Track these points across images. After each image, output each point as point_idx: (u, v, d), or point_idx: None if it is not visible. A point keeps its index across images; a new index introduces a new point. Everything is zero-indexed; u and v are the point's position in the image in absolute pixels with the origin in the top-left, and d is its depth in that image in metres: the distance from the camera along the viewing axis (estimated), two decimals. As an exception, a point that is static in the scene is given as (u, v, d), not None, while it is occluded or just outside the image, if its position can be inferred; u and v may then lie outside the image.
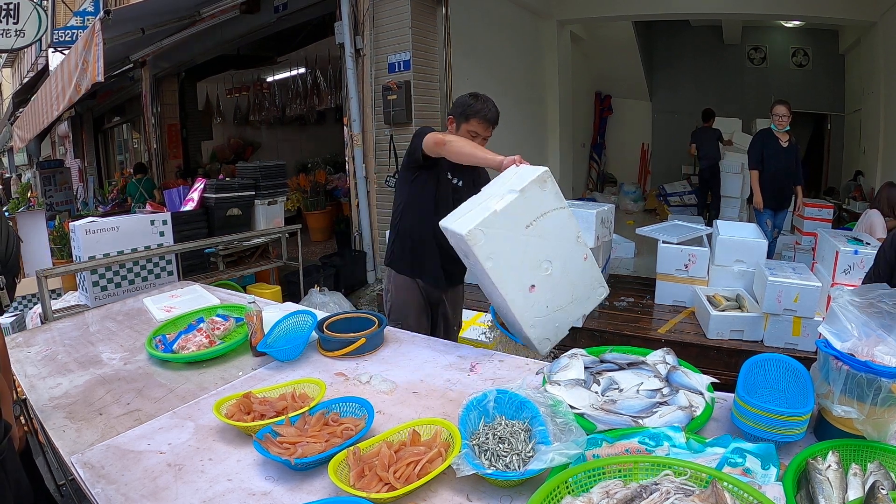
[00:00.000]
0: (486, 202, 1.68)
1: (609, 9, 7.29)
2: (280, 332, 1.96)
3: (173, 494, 1.18)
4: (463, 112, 2.18)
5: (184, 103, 8.94)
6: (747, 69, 9.31)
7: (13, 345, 2.10)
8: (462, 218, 1.67)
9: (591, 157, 10.40)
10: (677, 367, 1.49)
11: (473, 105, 2.16)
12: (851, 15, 6.47)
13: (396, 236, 2.35)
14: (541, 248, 1.68)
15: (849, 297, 1.24)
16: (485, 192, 1.79)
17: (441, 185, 2.23)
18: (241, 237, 4.36)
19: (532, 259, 1.67)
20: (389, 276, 2.39)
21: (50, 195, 8.68)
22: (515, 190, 1.64)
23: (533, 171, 1.69)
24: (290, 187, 6.32)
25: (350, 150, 5.18)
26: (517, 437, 1.22)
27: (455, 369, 1.74)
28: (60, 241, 4.82)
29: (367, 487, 1.11)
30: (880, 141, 6.39)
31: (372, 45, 4.90)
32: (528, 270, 1.67)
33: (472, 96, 2.20)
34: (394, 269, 2.36)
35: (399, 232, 2.34)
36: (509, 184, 1.70)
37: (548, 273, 1.70)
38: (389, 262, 2.39)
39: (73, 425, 1.49)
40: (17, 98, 10.43)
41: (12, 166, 15.20)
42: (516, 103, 6.74)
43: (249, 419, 1.39)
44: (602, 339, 3.62)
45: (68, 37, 7.12)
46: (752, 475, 1.07)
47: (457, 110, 2.21)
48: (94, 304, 3.23)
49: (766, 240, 3.90)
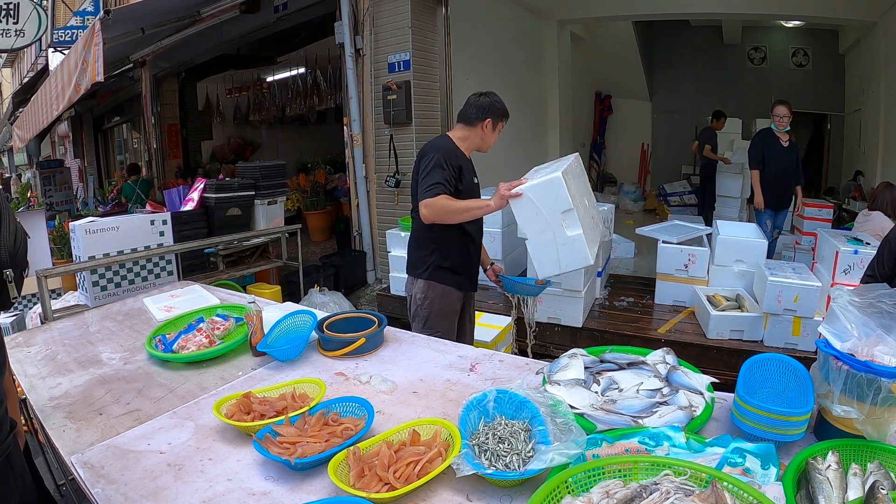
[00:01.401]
0: (545, 171, 2.22)
1: (609, 9, 7.30)
2: (280, 332, 1.96)
3: (173, 494, 1.18)
4: (502, 111, 2.34)
5: (184, 103, 8.94)
6: (747, 69, 9.32)
7: (13, 345, 2.10)
8: (541, 177, 2.13)
9: (591, 156, 10.40)
10: (677, 366, 1.49)
11: (498, 105, 2.32)
12: (851, 15, 6.48)
13: (436, 248, 2.35)
14: (580, 195, 2.27)
15: (849, 297, 1.24)
16: (536, 171, 2.32)
17: (464, 193, 2.30)
18: (240, 237, 4.36)
19: (579, 201, 2.20)
20: (427, 287, 2.38)
21: (50, 195, 8.67)
22: (564, 162, 2.26)
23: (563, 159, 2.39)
24: (289, 187, 6.31)
25: (350, 150, 5.18)
26: (517, 437, 1.22)
27: (455, 369, 1.74)
28: (60, 240, 4.81)
29: (366, 487, 1.11)
30: (880, 141, 6.40)
31: (372, 44, 4.90)
32: (581, 209, 2.21)
33: (487, 95, 2.33)
34: (434, 281, 2.37)
35: (438, 244, 2.34)
36: (554, 165, 2.31)
37: (586, 209, 2.32)
38: (429, 275, 2.37)
39: (72, 425, 1.49)
40: (16, 98, 10.43)
41: (12, 166, 15.18)
42: (517, 103, 6.71)
43: (249, 419, 1.39)
44: (602, 339, 3.63)
45: (68, 37, 7.11)
46: (752, 475, 1.07)
47: (496, 111, 2.32)
48: (94, 303, 3.23)
49: (766, 240, 3.91)
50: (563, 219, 2.11)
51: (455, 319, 2.46)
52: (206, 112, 9.84)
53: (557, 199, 2.08)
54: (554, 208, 2.10)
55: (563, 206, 2.09)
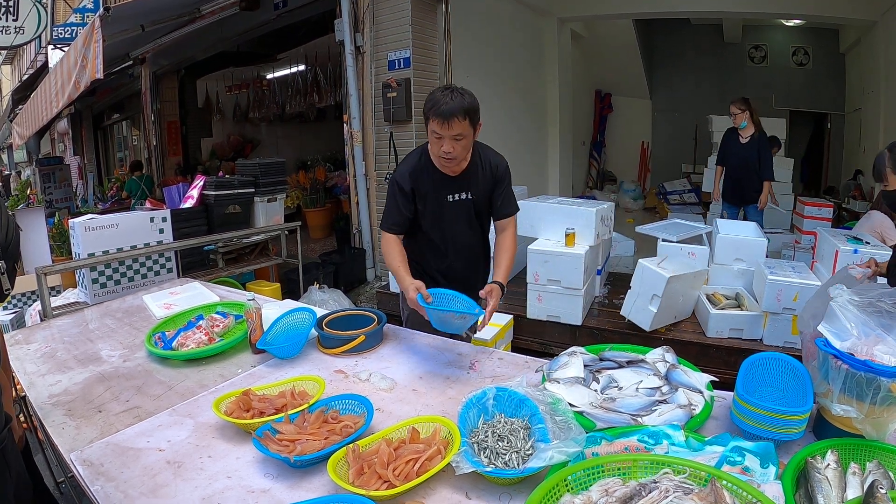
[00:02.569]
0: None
1: (609, 7, 7.28)
2: (279, 329, 1.96)
3: (172, 492, 1.18)
4: (424, 112, 1.89)
5: (183, 100, 8.94)
6: (748, 68, 9.30)
7: (12, 342, 2.10)
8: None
9: (591, 154, 10.40)
10: (677, 365, 1.50)
11: (429, 101, 1.86)
12: (852, 14, 6.46)
13: (407, 250, 2.20)
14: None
15: (848, 297, 1.24)
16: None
17: (427, 216, 2.08)
18: (240, 234, 4.36)
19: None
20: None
21: (49, 192, 8.66)
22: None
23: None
24: (289, 184, 6.32)
25: (350, 148, 5.17)
26: (516, 435, 1.22)
27: (454, 367, 1.74)
28: (60, 238, 4.82)
29: (366, 485, 1.11)
30: (880, 140, 6.38)
31: (372, 42, 4.89)
32: None
33: (439, 90, 1.87)
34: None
35: (408, 246, 2.19)
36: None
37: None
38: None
39: (72, 422, 1.49)
40: (16, 95, 10.39)
41: (12, 163, 15.17)
42: (516, 101, 6.73)
43: (249, 416, 1.39)
44: (602, 338, 3.62)
45: (68, 34, 7.08)
46: (751, 474, 1.07)
47: (426, 109, 1.89)
48: (94, 301, 3.23)
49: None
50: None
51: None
52: (206, 109, 9.83)
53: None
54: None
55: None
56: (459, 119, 1.80)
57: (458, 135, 1.83)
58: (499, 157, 2.09)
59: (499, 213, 2.11)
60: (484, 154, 2.07)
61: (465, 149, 1.90)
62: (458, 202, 2.06)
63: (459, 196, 2.05)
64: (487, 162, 2.06)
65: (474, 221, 2.14)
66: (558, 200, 4.11)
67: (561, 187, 7.78)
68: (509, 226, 2.12)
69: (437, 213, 2.07)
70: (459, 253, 2.14)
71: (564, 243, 3.68)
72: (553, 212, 3.84)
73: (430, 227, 2.10)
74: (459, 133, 1.82)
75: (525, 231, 3.99)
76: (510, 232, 2.11)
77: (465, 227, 2.12)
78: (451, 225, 2.09)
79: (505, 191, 2.10)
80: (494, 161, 2.07)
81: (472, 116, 1.84)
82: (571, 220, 3.72)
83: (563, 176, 8.01)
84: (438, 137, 1.85)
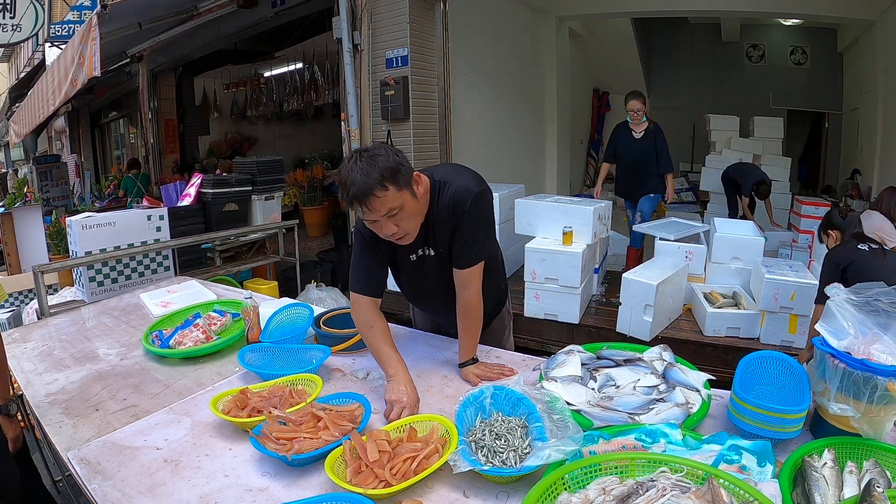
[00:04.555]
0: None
1: (608, 5, 7.28)
2: (276, 326, 1.95)
3: (170, 490, 1.17)
4: (341, 198, 1.50)
5: (181, 98, 8.90)
6: (746, 67, 9.32)
7: (9, 340, 2.09)
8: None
9: (588, 153, 10.40)
10: (674, 363, 1.50)
11: (338, 183, 1.46)
12: (850, 14, 6.47)
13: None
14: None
15: (845, 296, 1.24)
16: None
17: (402, 267, 1.75)
18: (238, 232, 4.35)
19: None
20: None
21: (46, 190, 8.64)
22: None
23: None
24: (287, 183, 6.30)
25: (347, 146, 5.15)
26: (514, 434, 1.22)
27: (452, 365, 1.74)
28: (57, 236, 4.80)
29: (363, 483, 1.11)
30: (878, 139, 6.41)
31: (370, 40, 4.88)
32: None
33: (345, 163, 1.42)
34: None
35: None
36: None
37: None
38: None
39: (69, 421, 1.49)
40: (13, 93, 10.36)
41: (9, 161, 15.13)
42: (514, 100, 6.73)
43: (246, 415, 1.39)
44: (599, 336, 3.63)
45: (65, 31, 7.06)
46: (749, 472, 1.07)
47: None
48: (91, 299, 3.22)
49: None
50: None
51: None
52: (204, 107, 9.79)
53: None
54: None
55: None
56: (379, 194, 1.37)
57: (389, 211, 1.41)
58: (462, 190, 1.54)
59: (456, 261, 1.61)
60: (444, 192, 1.55)
61: (410, 217, 1.47)
62: (422, 258, 1.67)
63: (421, 252, 1.66)
64: (446, 202, 1.55)
65: (450, 275, 1.65)
66: (556, 199, 4.11)
67: (559, 186, 7.78)
68: (471, 281, 1.61)
69: (405, 273, 1.75)
70: (447, 305, 1.72)
71: (562, 242, 3.69)
72: (551, 210, 3.84)
73: (406, 286, 1.83)
74: (390, 208, 1.40)
75: (523, 229, 4.00)
76: (473, 290, 1.62)
77: (440, 283, 1.69)
78: (424, 282, 1.75)
79: (467, 234, 1.56)
80: (455, 196, 1.53)
81: (397, 179, 1.39)
82: (569, 219, 3.72)
83: (561, 174, 8.00)
84: (373, 221, 1.45)
